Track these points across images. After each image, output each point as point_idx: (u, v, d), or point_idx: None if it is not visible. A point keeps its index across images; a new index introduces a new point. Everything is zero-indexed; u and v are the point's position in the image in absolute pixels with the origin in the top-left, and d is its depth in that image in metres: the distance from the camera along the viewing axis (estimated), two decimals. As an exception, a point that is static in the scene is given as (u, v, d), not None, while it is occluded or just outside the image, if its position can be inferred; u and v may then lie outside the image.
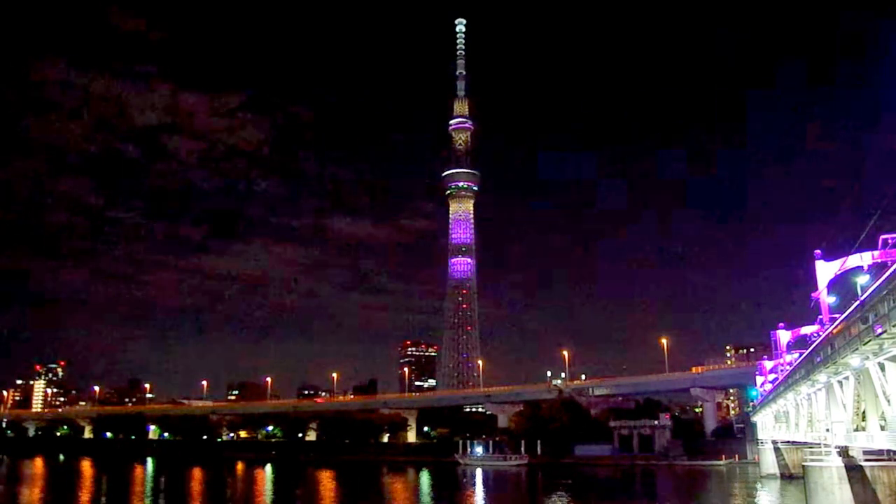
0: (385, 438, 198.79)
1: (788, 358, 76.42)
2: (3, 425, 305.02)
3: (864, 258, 45.90)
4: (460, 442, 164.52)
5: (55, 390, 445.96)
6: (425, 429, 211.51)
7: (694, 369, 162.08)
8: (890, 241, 41.25)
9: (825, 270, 50.82)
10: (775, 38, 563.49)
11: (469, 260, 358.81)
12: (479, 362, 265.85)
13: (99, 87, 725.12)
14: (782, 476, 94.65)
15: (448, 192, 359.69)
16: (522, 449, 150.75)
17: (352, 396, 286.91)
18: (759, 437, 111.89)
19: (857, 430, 42.52)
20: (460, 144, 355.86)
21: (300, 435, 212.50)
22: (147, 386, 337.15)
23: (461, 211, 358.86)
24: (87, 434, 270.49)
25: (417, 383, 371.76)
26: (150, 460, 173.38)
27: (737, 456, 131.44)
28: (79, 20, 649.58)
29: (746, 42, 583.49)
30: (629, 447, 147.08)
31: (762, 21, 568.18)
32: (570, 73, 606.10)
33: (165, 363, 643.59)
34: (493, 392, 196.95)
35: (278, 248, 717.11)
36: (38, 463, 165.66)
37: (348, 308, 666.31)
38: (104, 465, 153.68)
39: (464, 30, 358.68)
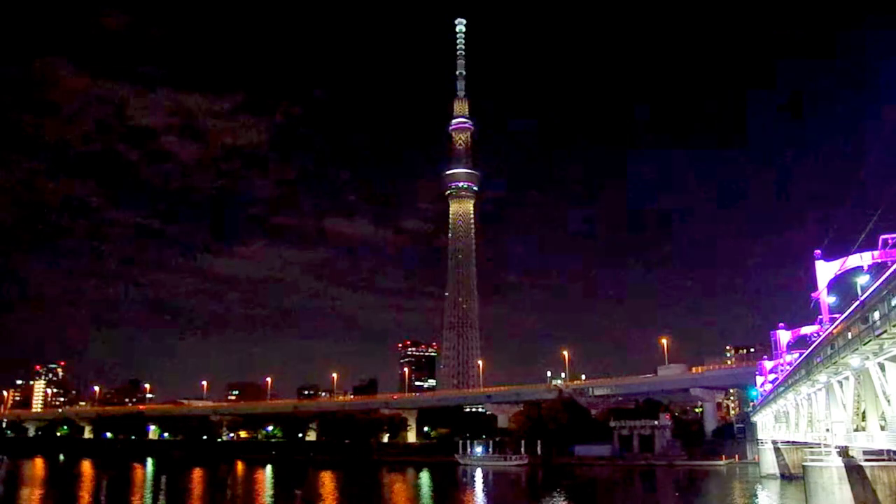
0: (385, 438, 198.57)
1: (788, 358, 76.50)
2: (3, 425, 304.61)
3: (864, 258, 45.98)
4: (460, 442, 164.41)
5: (55, 390, 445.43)
6: (425, 429, 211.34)
7: (694, 369, 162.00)
8: (890, 241, 41.34)
9: (825, 270, 50.88)
10: (774, 38, 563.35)
11: (469, 259, 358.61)
12: (479, 362, 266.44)
13: (99, 89, 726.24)
14: (782, 476, 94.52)
15: (448, 192, 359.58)
16: (522, 449, 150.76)
17: (352, 396, 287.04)
18: (759, 437, 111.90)
19: (857, 430, 42.52)
20: (460, 145, 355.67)
21: (300, 435, 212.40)
22: (147, 386, 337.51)
23: (461, 211, 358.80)
24: (87, 434, 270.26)
25: (417, 383, 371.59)
26: (150, 460, 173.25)
27: (737, 456, 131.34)
28: (79, 21, 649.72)
29: (747, 41, 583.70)
30: (629, 447, 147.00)
31: (761, 20, 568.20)
32: (570, 72, 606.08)
33: (165, 363, 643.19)
34: (493, 392, 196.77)
35: (278, 248, 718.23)
36: (38, 463, 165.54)
37: (348, 308, 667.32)
38: (104, 465, 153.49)
39: (464, 30, 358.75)
